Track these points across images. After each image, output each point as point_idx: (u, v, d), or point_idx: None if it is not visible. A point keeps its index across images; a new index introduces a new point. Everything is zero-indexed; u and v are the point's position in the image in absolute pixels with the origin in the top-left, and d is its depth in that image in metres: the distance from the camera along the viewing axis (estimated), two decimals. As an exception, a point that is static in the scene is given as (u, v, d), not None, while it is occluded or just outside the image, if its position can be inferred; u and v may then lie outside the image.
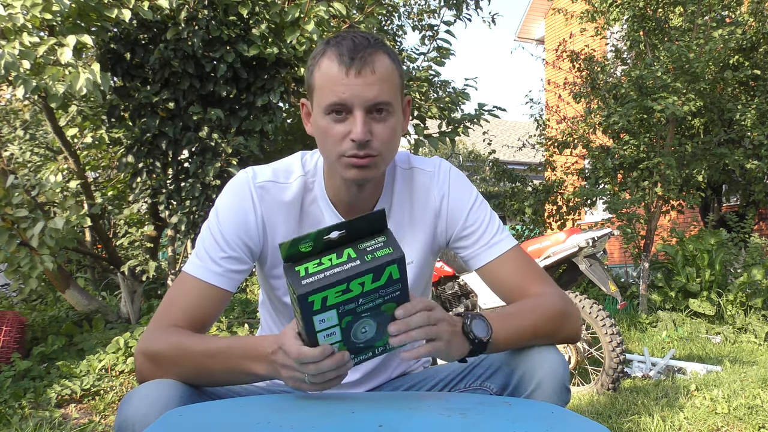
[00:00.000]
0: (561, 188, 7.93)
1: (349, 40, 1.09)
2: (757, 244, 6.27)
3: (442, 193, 1.25)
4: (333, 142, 1.11)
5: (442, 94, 4.80)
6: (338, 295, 0.91)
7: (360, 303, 0.93)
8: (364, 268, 0.91)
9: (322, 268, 0.92)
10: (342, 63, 1.08)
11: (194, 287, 1.14)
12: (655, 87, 6.03)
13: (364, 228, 0.96)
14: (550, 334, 1.14)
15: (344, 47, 1.09)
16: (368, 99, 1.08)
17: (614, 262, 10.19)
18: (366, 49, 1.09)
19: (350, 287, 0.91)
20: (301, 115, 1.21)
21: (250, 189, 1.18)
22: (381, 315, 0.96)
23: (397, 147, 1.18)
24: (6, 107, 5.55)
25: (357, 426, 0.84)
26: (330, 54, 1.10)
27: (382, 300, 0.95)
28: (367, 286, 0.92)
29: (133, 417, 0.96)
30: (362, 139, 1.08)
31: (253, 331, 4.05)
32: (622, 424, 2.60)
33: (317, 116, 1.13)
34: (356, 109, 1.09)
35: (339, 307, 0.92)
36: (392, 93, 1.11)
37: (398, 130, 1.15)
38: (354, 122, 1.09)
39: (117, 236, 5.49)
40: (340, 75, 1.08)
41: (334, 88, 1.08)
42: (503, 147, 11.39)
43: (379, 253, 0.93)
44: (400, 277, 0.94)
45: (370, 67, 1.08)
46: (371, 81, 1.08)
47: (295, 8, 3.69)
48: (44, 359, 3.73)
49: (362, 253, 0.93)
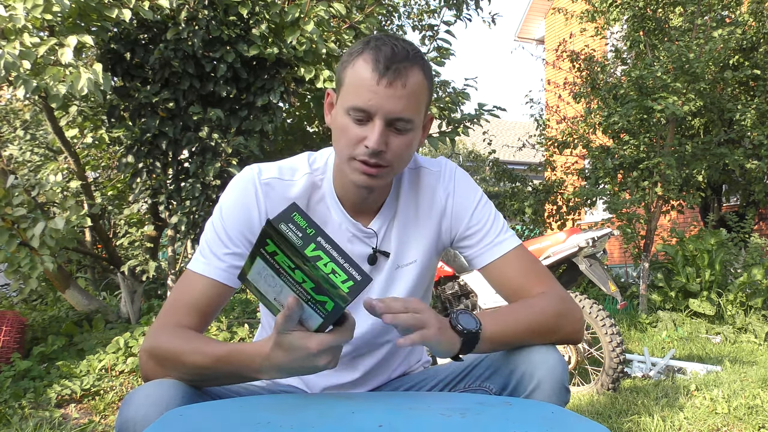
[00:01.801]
0: (561, 188, 7.94)
1: (390, 47, 1.08)
2: (757, 244, 6.28)
3: (447, 193, 1.26)
4: (348, 142, 1.11)
5: (442, 94, 4.79)
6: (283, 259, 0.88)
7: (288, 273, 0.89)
8: (313, 275, 0.87)
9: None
10: (376, 69, 1.07)
11: (199, 284, 1.15)
12: (655, 87, 6.03)
13: None
14: (548, 333, 1.14)
15: (382, 54, 1.08)
16: (391, 112, 1.08)
17: (614, 262, 10.19)
18: (403, 62, 1.08)
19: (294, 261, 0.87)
20: (324, 104, 1.21)
21: (255, 185, 1.18)
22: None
23: (408, 160, 1.18)
24: (6, 107, 5.55)
25: (357, 426, 0.84)
26: (367, 56, 1.09)
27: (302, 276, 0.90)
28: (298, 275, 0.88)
29: (134, 417, 0.96)
30: (376, 149, 1.09)
31: (253, 330, 4.05)
32: (622, 424, 2.60)
33: (339, 112, 1.13)
34: (377, 119, 1.08)
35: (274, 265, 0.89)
36: (417, 110, 1.11)
37: (414, 146, 1.15)
38: (372, 130, 1.09)
39: (117, 236, 5.49)
40: (371, 81, 1.07)
41: (361, 92, 1.08)
42: (503, 147, 11.39)
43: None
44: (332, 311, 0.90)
45: (402, 80, 1.08)
46: (399, 95, 1.08)
47: (295, 8, 3.69)
48: (44, 359, 3.73)
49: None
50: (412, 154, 1.18)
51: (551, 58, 8.06)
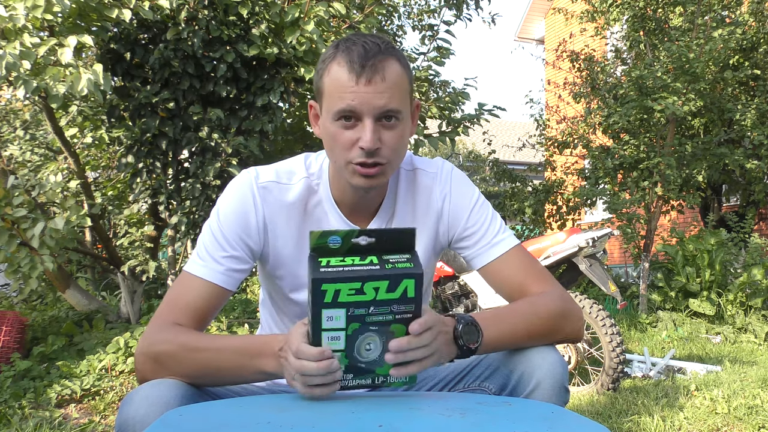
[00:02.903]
0: (561, 188, 7.93)
1: (360, 45, 1.09)
2: (757, 244, 6.27)
3: (444, 194, 1.26)
4: (341, 148, 1.11)
5: (442, 94, 4.80)
6: (351, 293, 0.92)
7: (370, 311, 0.94)
8: (382, 273, 0.93)
9: (343, 264, 0.94)
10: (352, 70, 1.07)
11: (196, 286, 1.14)
12: (655, 87, 6.03)
13: (393, 241, 0.98)
14: (547, 334, 1.14)
15: (355, 53, 1.08)
16: (378, 107, 1.08)
17: (614, 262, 10.19)
18: (377, 56, 1.08)
19: (364, 289, 0.92)
20: (309, 117, 1.22)
21: (253, 189, 1.18)
22: (388, 335, 0.96)
23: (404, 153, 1.18)
24: (6, 107, 5.55)
25: (357, 426, 0.84)
26: (340, 59, 1.09)
27: (393, 317, 0.95)
28: (381, 294, 0.93)
29: (133, 417, 0.96)
30: (371, 147, 1.08)
31: (253, 330, 4.05)
32: (622, 424, 2.60)
33: (326, 121, 1.13)
34: (366, 117, 1.09)
35: (349, 308, 0.93)
36: (402, 100, 1.11)
37: (406, 136, 1.16)
38: (363, 130, 1.09)
39: (117, 236, 5.50)
40: (350, 82, 1.07)
41: (343, 95, 1.08)
42: (503, 147, 11.39)
43: (400, 265, 0.95)
44: (415, 297, 0.95)
45: (380, 74, 1.08)
46: (381, 89, 1.08)
47: (295, 8, 3.69)
48: (44, 359, 3.73)
49: (384, 261, 0.95)
50: (407, 146, 1.18)
51: (551, 58, 8.05)
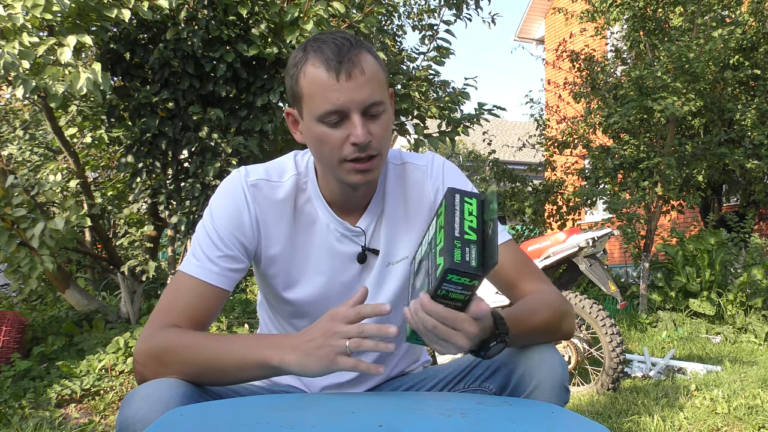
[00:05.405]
0: (561, 188, 7.94)
1: (331, 43, 1.08)
2: (757, 244, 6.27)
3: (436, 187, 1.26)
4: (331, 148, 1.11)
5: (442, 94, 4.79)
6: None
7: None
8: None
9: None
10: (330, 68, 1.07)
11: (192, 287, 1.13)
12: (655, 87, 6.03)
13: None
14: (551, 332, 1.15)
15: (328, 51, 1.07)
16: (363, 101, 1.08)
17: (614, 262, 10.19)
18: (351, 51, 1.08)
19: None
20: (288, 125, 1.21)
21: (243, 187, 1.18)
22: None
23: (389, 142, 1.19)
24: (6, 107, 5.55)
25: (357, 426, 0.84)
26: (314, 60, 1.08)
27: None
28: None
29: (134, 417, 0.95)
30: (364, 141, 1.08)
31: (253, 330, 4.05)
32: (622, 424, 2.60)
33: (310, 124, 1.12)
34: (353, 113, 1.08)
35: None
36: (381, 90, 1.12)
37: (390, 125, 1.16)
38: (353, 126, 1.08)
39: (117, 236, 5.50)
40: (330, 81, 1.07)
41: (327, 95, 1.07)
42: (503, 147, 11.37)
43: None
44: (471, 294, 0.97)
45: (358, 68, 1.08)
46: (362, 82, 1.08)
47: (295, 8, 3.69)
48: (44, 359, 3.73)
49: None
50: (391, 135, 1.18)
51: (551, 58, 8.05)
